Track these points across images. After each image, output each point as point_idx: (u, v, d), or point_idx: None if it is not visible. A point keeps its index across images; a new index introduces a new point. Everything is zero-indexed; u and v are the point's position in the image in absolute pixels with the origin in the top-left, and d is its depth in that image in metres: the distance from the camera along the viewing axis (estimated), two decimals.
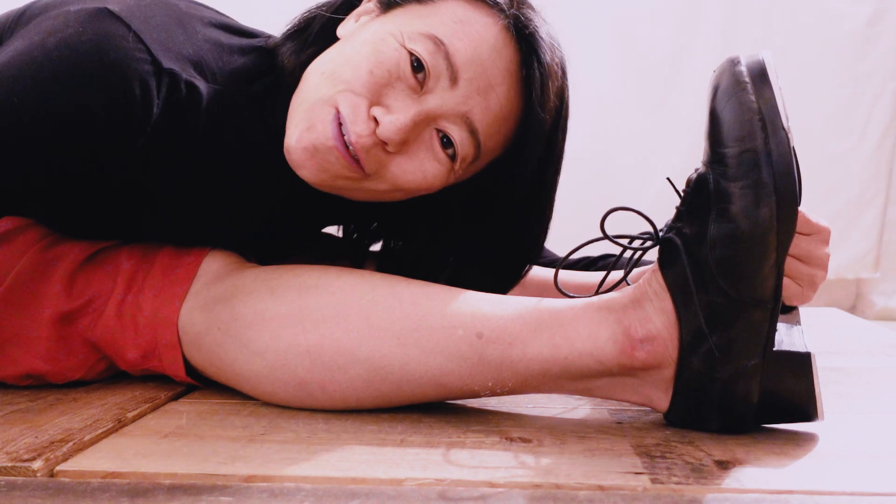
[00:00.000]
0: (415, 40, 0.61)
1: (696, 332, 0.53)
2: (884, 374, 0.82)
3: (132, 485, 0.45)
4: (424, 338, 0.57)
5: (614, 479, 0.46)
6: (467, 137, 0.63)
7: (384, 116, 0.60)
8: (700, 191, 0.54)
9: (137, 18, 0.57)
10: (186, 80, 0.60)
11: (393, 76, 0.61)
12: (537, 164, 0.67)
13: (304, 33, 0.69)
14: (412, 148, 0.63)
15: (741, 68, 0.53)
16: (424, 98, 0.62)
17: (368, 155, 0.61)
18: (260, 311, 0.60)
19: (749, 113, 0.51)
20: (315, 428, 0.56)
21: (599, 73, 1.96)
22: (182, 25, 0.62)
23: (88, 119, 0.55)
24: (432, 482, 0.45)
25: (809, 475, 0.47)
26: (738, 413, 0.54)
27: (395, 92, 0.61)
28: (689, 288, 0.53)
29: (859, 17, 2.02)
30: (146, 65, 0.57)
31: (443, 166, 0.64)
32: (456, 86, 0.61)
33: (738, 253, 0.51)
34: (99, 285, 0.65)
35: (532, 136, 0.65)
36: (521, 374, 0.57)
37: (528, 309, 0.58)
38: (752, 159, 0.51)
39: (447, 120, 0.63)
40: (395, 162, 0.63)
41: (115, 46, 0.55)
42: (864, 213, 2.07)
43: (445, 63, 0.61)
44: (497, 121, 0.64)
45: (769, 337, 0.53)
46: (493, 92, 0.63)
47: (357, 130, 0.60)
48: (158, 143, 0.61)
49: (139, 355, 0.65)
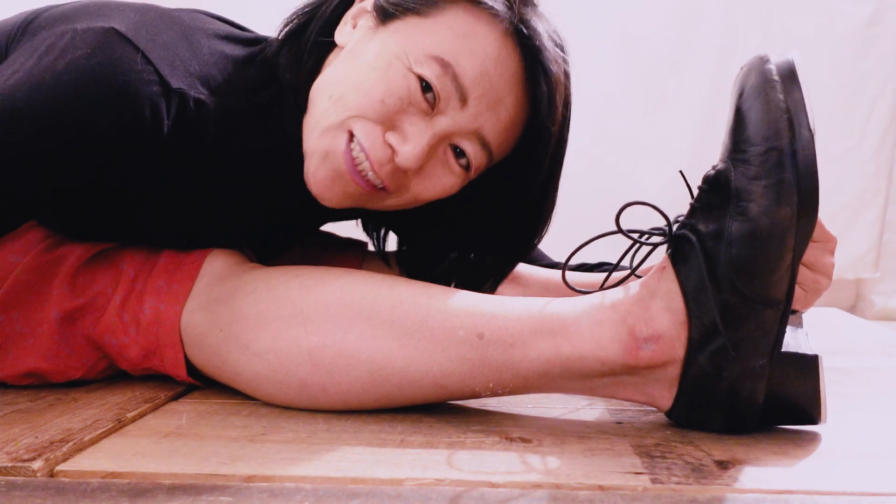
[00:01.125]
0: (422, 64, 0.61)
1: (708, 330, 0.53)
2: (884, 374, 0.82)
3: (132, 485, 0.45)
4: (426, 339, 0.57)
5: (614, 479, 0.46)
6: (480, 150, 0.65)
7: (401, 146, 0.62)
8: (718, 188, 0.53)
9: (144, 38, 0.58)
10: (195, 97, 0.61)
11: (404, 103, 0.61)
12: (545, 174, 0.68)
13: (300, 38, 0.68)
14: (429, 166, 0.65)
15: (770, 66, 0.52)
16: (436, 119, 0.62)
17: (391, 179, 0.64)
18: (261, 313, 0.60)
19: (777, 112, 0.51)
20: (315, 428, 0.56)
21: (599, 74, 1.96)
22: (187, 40, 0.63)
23: (99, 141, 0.56)
24: (432, 482, 0.45)
25: (809, 475, 0.47)
26: (742, 413, 0.54)
27: (408, 116, 0.62)
28: (703, 285, 0.53)
29: (859, 17, 2.02)
30: (155, 86, 0.57)
31: (458, 178, 0.67)
32: (466, 105, 0.62)
33: (755, 252, 0.51)
34: (101, 284, 0.66)
35: (540, 143, 0.66)
36: (523, 375, 0.57)
37: (530, 310, 0.58)
38: (777, 158, 0.51)
39: (460, 136, 0.64)
40: (415, 181, 0.65)
41: (124, 70, 0.56)
42: (864, 213, 2.06)
43: (454, 85, 0.61)
44: (507, 129, 0.65)
45: (778, 338, 0.53)
46: (502, 104, 0.64)
47: (377, 158, 0.62)
48: (167, 158, 0.62)
49: (140, 355, 0.65)
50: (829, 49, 2.00)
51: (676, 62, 2.03)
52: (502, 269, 0.77)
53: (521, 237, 0.74)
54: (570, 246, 0.63)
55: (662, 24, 2.02)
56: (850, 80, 2.03)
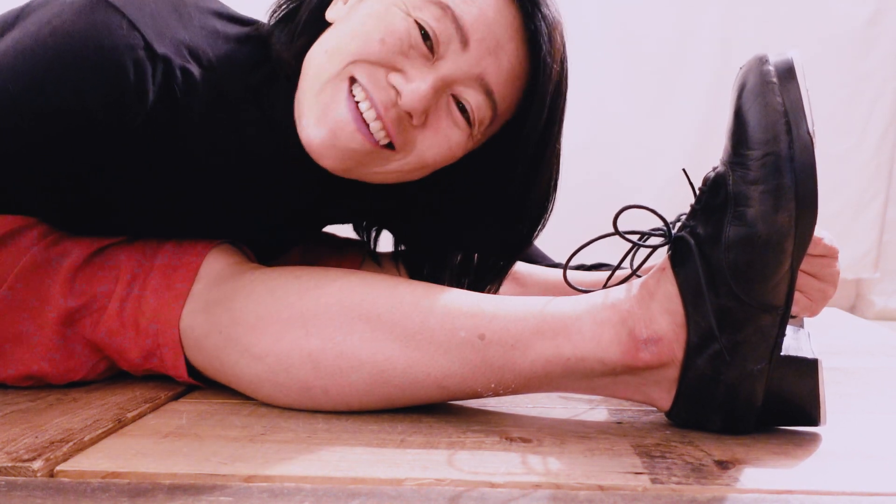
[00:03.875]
0: (420, 8, 0.60)
1: (705, 334, 0.53)
2: (884, 374, 0.82)
3: (132, 485, 0.45)
4: (427, 341, 0.57)
5: (614, 479, 0.46)
6: (484, 100, 0.63)
7: (404, 85, 0.60)
8: (717, 191, 0.53)
9: (132, 6, 0.57)
10: (181, 65, 0.60)
11: (405, 44, 0.60)
12: (544, 124, 0.66)
13: (292, 19, 0.68)
14: (433, 118, 0.63)
15: (769, 67, 0.52)
16: (438, 64, 0.61)
17: (398, 128, 0.62)
18: (261, 316, 0.60)
19: (774, 115, 0.51)
20: (315, 428, 0.56)
21: (599, 74, 1.96)
22: (177, 12, 0.62)
23: (84, 105, 0.56)
24: (432, 482, 0.45)
25: (809, 475, 0.47)
26: (741, 415, 0.54)
27: (410, 60, 0.61)
28: (700, 290, 0.53)
29: (859, 17, 2.02)
30: (140, 51, 0.57)
31: (463, 133, 0.64)
32: (467, 48, 0.61)
33: (753, 258, 0.51)
34: (100, 284, 0.65)
35: (543, 89, 0.64)
36: (524, 375, 0.57)
37: (531, 310, 0.57)
38: (774, 163, 0.50)
39: (463, 84, 0.62)
40: (420, 136, 0.63)
41: (109, 34, 0.55)
42: (864, 213, 2.06)
43: (454, 26, 0.60)
44: (510, 79, 0.64)
45: (777, 342, 0.53)
46: (503, 50, 0.62)
47: (381, 99, 0.60)
48: (154, 130, 0.61)
49: (141, 356, 0.65)
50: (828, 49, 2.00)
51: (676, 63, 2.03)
52: (504, 262, 0.76)
53: (521, 222, 0.72)
54: (569, 245, 0.63)
55: (662, 24, 2.02)
56: (850, 80, 2.03)
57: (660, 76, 2.03)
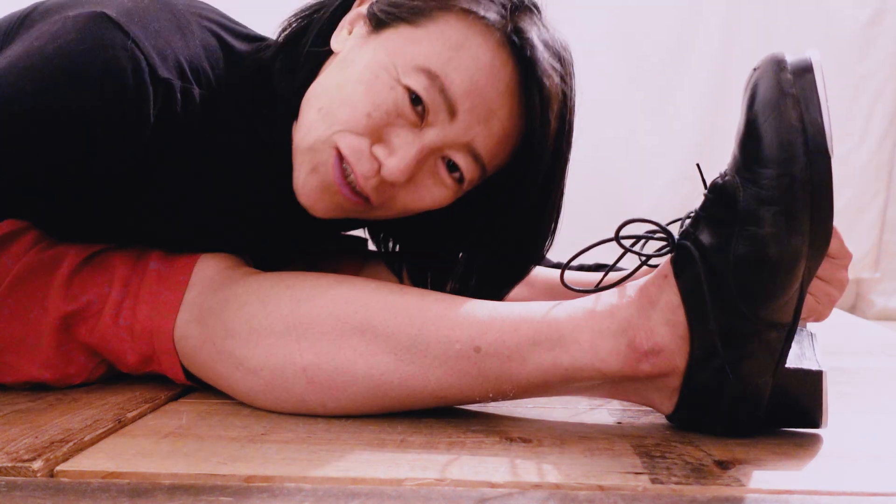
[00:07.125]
0: (409, 75, 0.59)
1: (709, 348, 0.52)
2: (884, 374, 0.82)
3: (132, 485, 0.45)
4: (422, 353, 0.56)
5: (614, 479, 0.46)
6: (472, 162, 0.63)
7: (387, 159, 0.60)
8: (726, 202, 0.51)
9: (135, 24, 0.57)
10: (182, 88, 0.60)
11: (391, 116, 0.60)
12: (544, 178, 0.65)
13: (297, 45, 0.67)
14: (418, 178, 0.63)
15: (787, 76, 0.49)
16: (425, 132, 0.60)
17: (376, 192, 0.62)
18: (253, 329, 0.59)
19: (792, 133, 0.48)
20: (315, 428, 0.56)
21: (599, 75, 1.96)
22: (180, 30, 0.61)
23: (85, 124, 0.55)
24: (432, 482, 0.45)
25: (809, 475, 0.47)
26: (744, 422, 0.54)
27: (396, 129, 0.60)
28: (704, 304, 0.51)
29: (859, 17, 2.02)
30: (143, 74, 0.56)
31: (450, 190, 0.64)
32: (455, 118, 0.60)
33: (762, 278, 0.49)
34: (95, 288, 0.65)
35: (535, 155, 0.63)
36: (522, 385, 0.56)
37: (527, 319, 0.56)
38: (789, 185, 0.48)
39: (450, 149, 0.62)
40: (402, 193, 0.63)
41: (112, 55, 0.55)
42: (864, 213, 2.06)
43: (441, 97, 0.59)
44: (500, 142, 0.63)
45: (782, 356, 0.52)
46: (495, 117, 0.61)
47: (362, 171, 0.60)
48: (154, 150, 0.61)
49: (139, 360, 0.65)
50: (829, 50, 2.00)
51: (677, 63, 2.03)
52: (506, 281, 0.74)
53: (521, 251, 0.71)
54: (569, 244, 0.63)
55: (662, 25, 2.03)
56: (851, 81, 2.03)
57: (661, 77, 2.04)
